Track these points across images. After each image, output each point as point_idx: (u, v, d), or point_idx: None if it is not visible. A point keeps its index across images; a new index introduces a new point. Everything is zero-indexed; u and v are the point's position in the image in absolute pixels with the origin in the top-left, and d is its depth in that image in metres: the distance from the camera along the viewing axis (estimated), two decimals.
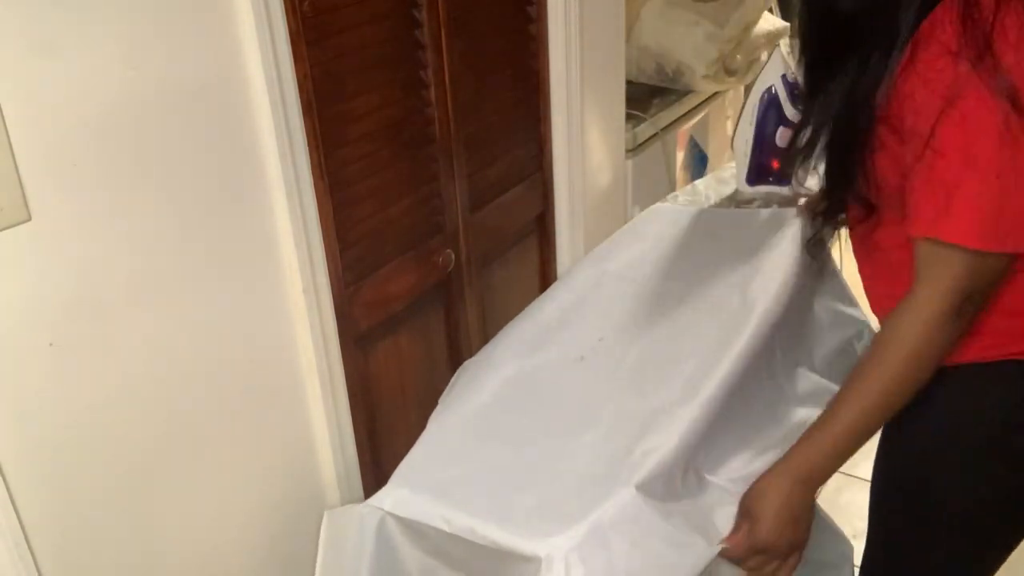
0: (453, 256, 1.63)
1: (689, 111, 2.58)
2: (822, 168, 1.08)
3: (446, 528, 1.11)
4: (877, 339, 1.01)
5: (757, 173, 1.45)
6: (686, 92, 2.56)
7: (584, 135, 1.92)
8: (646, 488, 1.08)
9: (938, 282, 0.91)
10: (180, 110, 1.06)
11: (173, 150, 1.07)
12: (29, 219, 0.93)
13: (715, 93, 2.70)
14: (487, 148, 1.69)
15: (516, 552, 1.06)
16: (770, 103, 1.39)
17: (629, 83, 2.16)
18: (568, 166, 1.90)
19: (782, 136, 1.40)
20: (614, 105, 2.08)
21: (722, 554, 1.05)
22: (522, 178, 1.83)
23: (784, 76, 1.38)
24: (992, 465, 1.07)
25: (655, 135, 2.36)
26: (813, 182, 1.21)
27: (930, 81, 0.86)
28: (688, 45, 2.50)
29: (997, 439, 1.06)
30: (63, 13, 0.92)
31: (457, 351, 1.72)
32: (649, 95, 2.52)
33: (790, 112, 1.38)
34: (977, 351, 1.04)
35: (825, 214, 1.13)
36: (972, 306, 0.93)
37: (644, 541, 1.06)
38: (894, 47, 0.90)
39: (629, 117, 2.20)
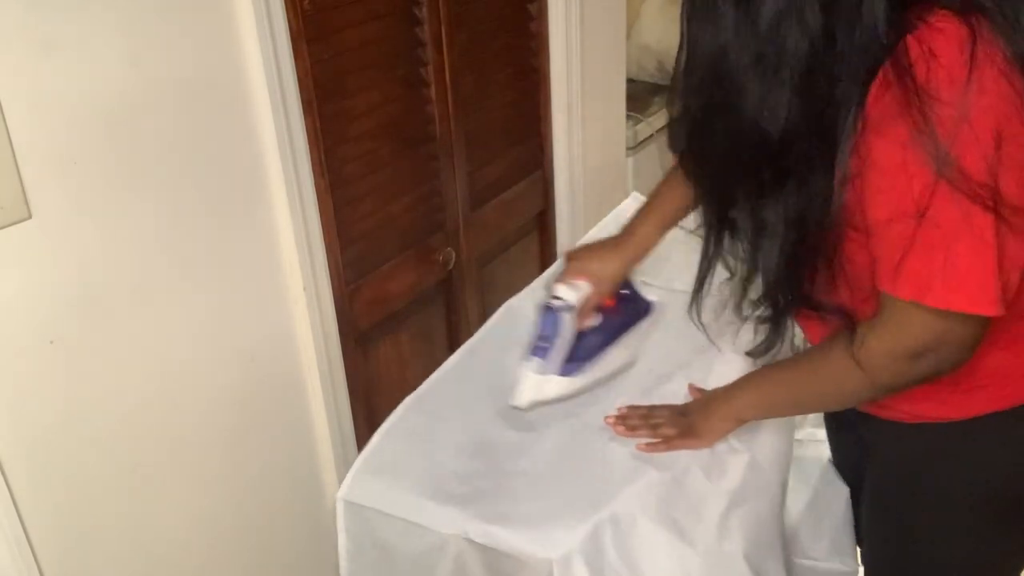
0: (453, 254, 1.63)
1: None
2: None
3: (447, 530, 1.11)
4: (832, 356, 0.96)
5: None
6: None
7: (584, 133, 1.91)
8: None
9: (899, 331, 0.87)
10: (180, 108, 1.06)
11: (173, 148, 1.07)
12: (30, 217, 0.93)
13: None
14: (487, 146, 1.69)
15: (524, 554, 1.06)
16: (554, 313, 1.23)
17: (630, 81, 2.16)
18: (568, 164, 1.90)
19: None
20: (615, 103, 2.08)
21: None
22: (522, 176, 1.82)
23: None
24: (1005, 519, 1.04)
25: (655, 133, 2.36)
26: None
27: (908, 163, 0.80)
28: None
29: (1012, 487, 1.01)
30: (64, 11, 0.92)
31: (457, 348, 1.72)
32: (650, 93, 2.52)
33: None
34: (986, 403, 0.99)
35: (774, 320, 1.02)
36: (937, 358, 0.88)
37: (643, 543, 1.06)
38: (838, 152, 0.82)
39: (629, 116, 2.20)
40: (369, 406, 1.51)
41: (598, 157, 2.01)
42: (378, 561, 1.22)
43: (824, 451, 1.40)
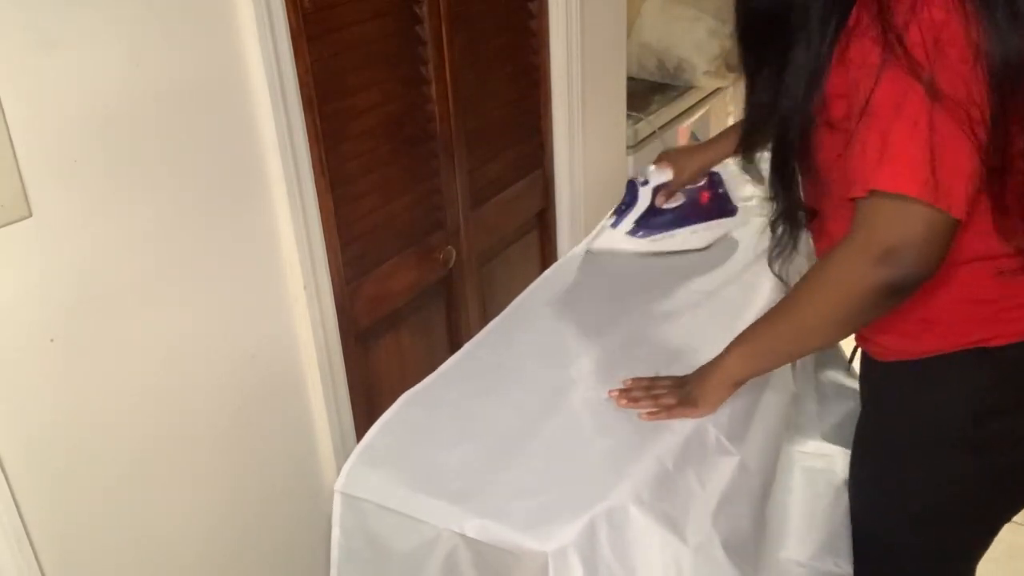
0: (454, 252, 1.63)
1: (690, 107, 2.58)
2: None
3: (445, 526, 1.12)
4: (809, 276, 1.03)
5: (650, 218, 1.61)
6: (687, 88, 2.56)
7: (585, 131, 1.91)
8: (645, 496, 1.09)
9: (868, 229, 0.92)
10: (181, 106, 1.06)
11: (174, 146, 1.07)
12: (30, 216, 0.93)
13: (716, 89, 2.69)
14: (488, 144, 1.69)
15: (519, 548, 1.06)
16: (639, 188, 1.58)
17: (630, 79, 2.16)
18: (569, 162, 1.90)
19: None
20: (615, 101, 2.08)
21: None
22: (523, 174, 1.82)
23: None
24: (964, 455, 1.09)
25: (656, 131, 2.36)
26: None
27: (865, 66, 0.90)
28: (689, 41, 2.50)
29: (967, 429, 1.07)
30: (64, 10, 0.92)
31: (458, 347, 1.71)
32: (650, 91, 2.52)
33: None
34: (936, 341, 1.06)
35: (775, 223, 1.13)
36: (899, 261, 0.91)
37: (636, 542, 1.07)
38: (817, 47, 0.94)
39: (629, 115, 2.20)
40: (369, 404, 1.51)
41: (599, 155, 2.01)
42: (369, 556, 1.22)
43: (832, 464, 1.41)
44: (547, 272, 1.63)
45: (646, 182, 1.55)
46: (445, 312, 1.69)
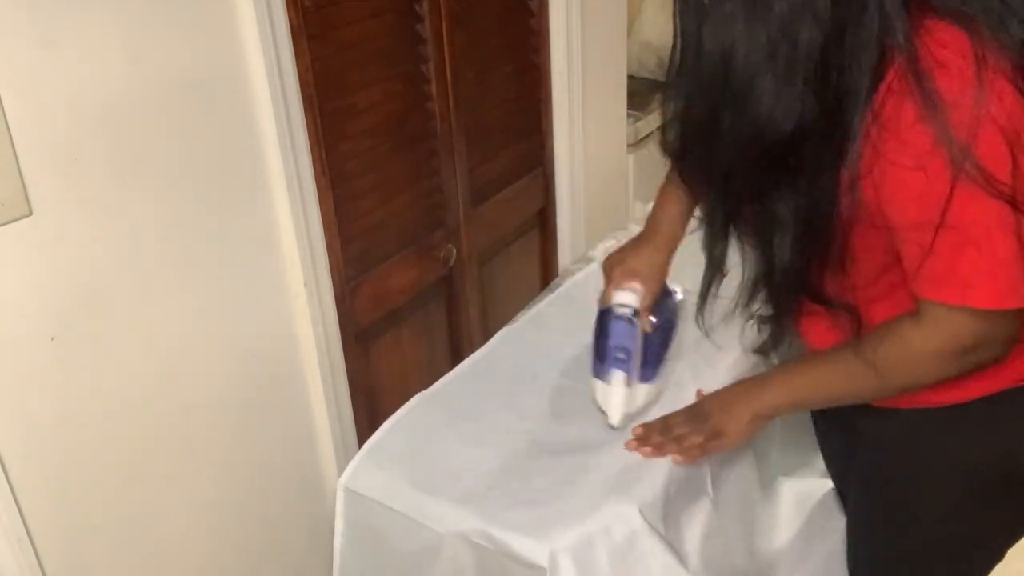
0: (454, 251, 1.63)
1: None
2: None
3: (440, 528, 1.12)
4: (859, 360, 0.96)
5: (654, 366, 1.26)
6: None
7: (585, 130, 1.91)
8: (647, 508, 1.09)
9: (951, 334, 0.89)
10: (181, 105, 1.06)
11: (174, 145, 1.07)
12: (30, 214, 0.93)
13: None
14: (488, 143, 1.69)
15: (519, 556, 1.06)
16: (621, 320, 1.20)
17: (630, 77, 2.16)
18: (569, 161, 1.90)
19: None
20: (615, 100, 2.08)
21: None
22: (523, 173, 1.82)
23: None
24: (1011, 497, 1.04)
25: (655, 130, 2.35)
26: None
27: (928, 167, 0.81)
28: None
29: (1016, 470, 1.03)
30: (64, 7, 0.92)
31: (458, 346, 1.72)
32: (651, 90, 2.52)
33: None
34: (983, 384, 1.00)
35: (777, 319, 1.04)
36: (979, 356, 0.91)
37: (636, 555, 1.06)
38: (848, 148, 0.83)
39: (629, 113, 2.20)
40: (369, 402, 1.51)
41: (599, 154, 2.01)
42: (373, 551, 1.22)
43: (824, 483, 1.40)
44: (568, 285, 1.60)
45: (636, 312, 1.19)
46: (445, 311, 1.69)
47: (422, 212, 1.55)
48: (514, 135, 1.77)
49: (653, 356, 1.24)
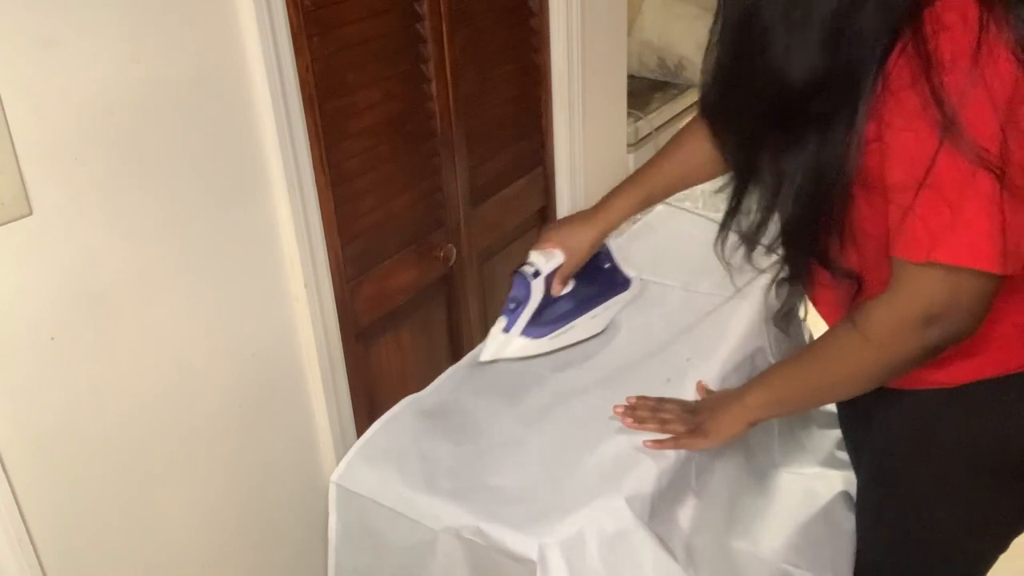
0: (454, 250, 1.63)
1: (691, 105, 2.58)
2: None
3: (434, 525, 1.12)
4: (842, 333, 0.99)
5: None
6: (688, 86, 2.56)
7: (585, 129, 1.91)
8: (634, 503, 1.09)
9: (913, 294, 0.90)
10: (181, 104, 1.06)
11: (174, 144, 1.07)
12: (30, 213, 0.93)
13: None
14: (488, 142, 1.69)
15: (510, 551, 1.06)
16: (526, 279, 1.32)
17: (631, 77, 2.16)
18: (569, 160, 1.90)
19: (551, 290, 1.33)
20: (616, 99, 2.08)
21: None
22: (523, 172, 1.82)
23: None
24: (1017, 482, 1.06)
25: (655, 130, 2.36)
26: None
27: (918, 129, 0.84)
28: (690, 39, 2.50)
29: (1013, 458, 1.04)
30: (64, 6, 0.92)
31: (458, 346, 1.72)
32: (651, 89, 2.52)
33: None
34: (984, 367, 1.01)
35: (791, 281, 1.08)
36: (946, 325, 0.90)
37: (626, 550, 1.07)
38: (858, 109, 0.88)
39: (629, 113, 2.20)
40: (370, 402, 1.51)
41: (599, 153, 2.01)
42: (368, 547, 1.22)
43: (833, 484, 1.41)
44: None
45: (537, 272, 1.30)
46: (445, 310, 1.69)
47: (422, 211, 1.55)
48: (514, 134, 1.77)
49: (551, 318, 1.36)
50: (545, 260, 1.32)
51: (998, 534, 1.12)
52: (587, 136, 1.92)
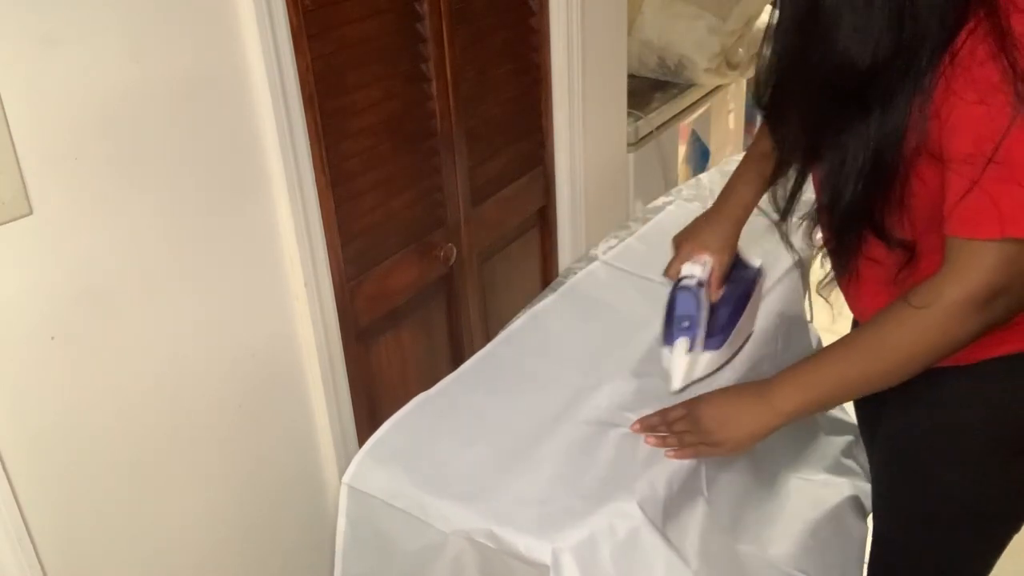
0: (455, 250, 1.63)
1: (691, 105, 2.58)
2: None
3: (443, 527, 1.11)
4: (894, 312, 0.98)
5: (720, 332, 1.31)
6: (688, 86, 2.56)
7: (585, 129, 1.91)
8: (646, 505, 1.09)
9: (978, 271, 0.91)
10: (181, 104, 1.06)
11: (174, 144, 1.07)
12: (31, 213, 0.93)
13: (717, 87, 2.69)
14: (489, 141, 1.69)
15: (521, 554, 1.06)
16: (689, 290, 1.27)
17: (631, 77, 2.16)
18: (570, 160, 1.89)
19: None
20: (616, 99, 2.08)
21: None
22: (524, 172, 1.82)
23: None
24: (1018, 457, 1.06)
25: (655, 130, 2.35)
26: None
27: (991, 103, 0.86)
28: (690, 39, 2.49)
29: None
30: (65, 6, 0.92)
31: (459, 345, 1.72)
32: (651, 89, 2.52)
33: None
34: (993, 346, 1.02)
35: (837, 254, 1.09)
36: (1007, 302, 0.92)
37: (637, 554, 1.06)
38: (919, 88, 0.90)
39: (629, 112, 2.20)
40: (370, 402, 1.51)
41: (599, 153, 2.01)
42: (375, 549, 1.22)
43: (842, 490, 1.40)
44: (568, 284, 1.60)
45: (700, 283, 1.25)
46: (446, 310, 1.69)
47: (422, 211, 1.55)
48: (514, 134, 1.77)
49: (720, 325, 1.30)
50: (701, 269, 1.27)
51: (1017, 515, 1.13)
52: (587, 136, 1.92)
